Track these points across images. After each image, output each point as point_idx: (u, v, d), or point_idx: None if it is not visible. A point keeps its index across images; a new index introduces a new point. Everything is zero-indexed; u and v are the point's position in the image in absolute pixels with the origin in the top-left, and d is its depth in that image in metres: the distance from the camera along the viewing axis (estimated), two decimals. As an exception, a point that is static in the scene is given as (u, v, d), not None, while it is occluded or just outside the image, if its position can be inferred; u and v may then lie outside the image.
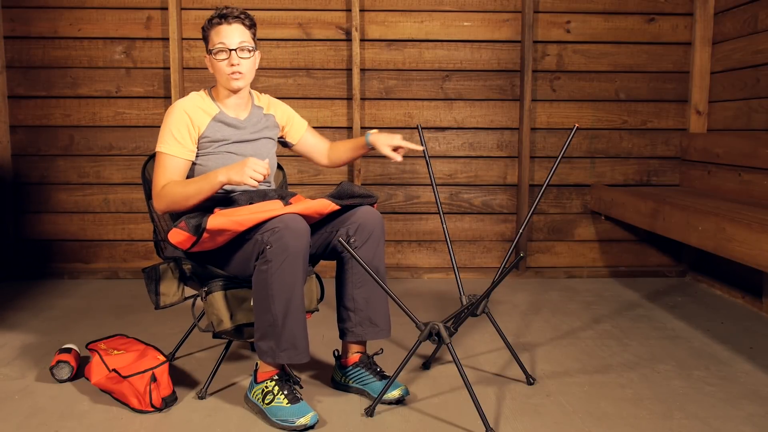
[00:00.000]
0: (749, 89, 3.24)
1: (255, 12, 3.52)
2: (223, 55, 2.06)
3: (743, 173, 3.15)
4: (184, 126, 2.05)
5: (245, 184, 1.90)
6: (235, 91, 2.11)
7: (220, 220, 1.87)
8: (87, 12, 3.52)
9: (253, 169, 1.89)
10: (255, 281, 1.89)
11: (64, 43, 3.53)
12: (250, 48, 2.08)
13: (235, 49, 2.05)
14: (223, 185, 1.94)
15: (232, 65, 2.05)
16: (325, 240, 2.10)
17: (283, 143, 2.36)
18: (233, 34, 2.06)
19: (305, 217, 1.96)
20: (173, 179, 2.03)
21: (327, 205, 2.00)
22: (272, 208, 1.93)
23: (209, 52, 2.09)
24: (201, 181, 1.97)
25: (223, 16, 2.07)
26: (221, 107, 2.13)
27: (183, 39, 3.54)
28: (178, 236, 1.93)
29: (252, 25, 2.12)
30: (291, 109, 2.34)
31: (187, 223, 1.93)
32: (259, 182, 1.91)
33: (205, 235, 1.88)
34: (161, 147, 2.05)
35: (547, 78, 3.63)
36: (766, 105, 3.12)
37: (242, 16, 2.09)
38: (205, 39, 2.11)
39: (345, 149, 2.33)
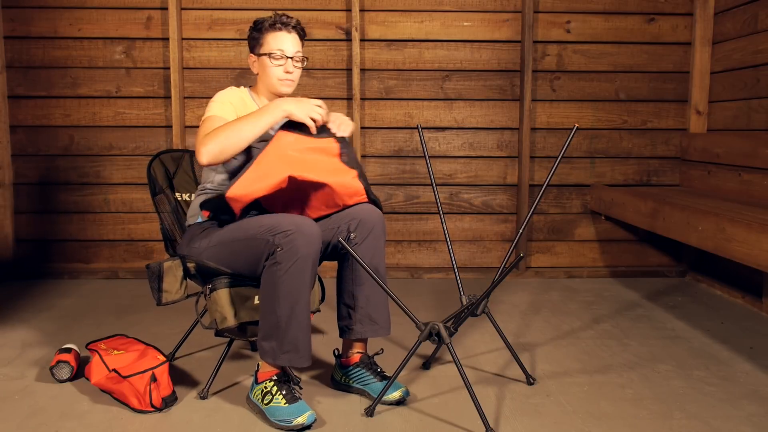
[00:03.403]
0: (749, 89, 3.24)
1: (255, 12, 3.54)
2: (280, 61, 2.10)
3: (743, 173, 3.15)
4: (232, 106, 2.07)
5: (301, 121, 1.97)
6: (279, 95, 2.14)
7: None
8: (87, 12, 3.52)
9: (315, 110, 1.99)
10: (263, 281, 1.90)
11: (64, 43, 3.53)
12: (303, 59, 2.15)
13: (291, 57, 2.10)
14: (285, 117, 1.98)
15: (287, 72, 2.10)
16: (326, 239, 2.09)
17: None
18: (293, 43, 2.12)
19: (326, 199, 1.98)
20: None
21: (358, 190, 2.05)
22: (326, 167, 1.98)
23: (260, 54, 2.11)
24: (257, 112, 1.98)
25: (285, 24, 2.11)
26: (255, 106, 2.15)
27: (183, 39, 3.54)
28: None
29: (304, 37, 2.17)
30: None
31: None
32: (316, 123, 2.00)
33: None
34: (211, 111, 2.04)
35: (547, 78, 3.63)
36: (766, 105, 3.12)
37: (300, 27, 2.15)
38: (256, 40, 2.13)
39: None
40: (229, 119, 2.01)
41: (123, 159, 3.60)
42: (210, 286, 1.98)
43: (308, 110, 1.99)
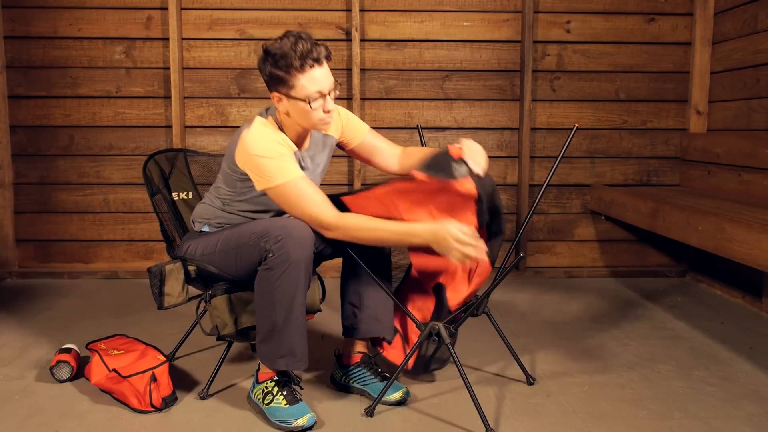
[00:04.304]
0: (749, 89, 3.24)
1: (255, 12, 3.54)
2: (320, 101, 1.85)
3: (743, 173, 3.15)
4: (290, 156, 1.88)
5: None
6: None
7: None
8: (87, 12, 3.52)
9: (465, 253, 1.78)
10: (257, 286, 1.89)
11: (64, 43, 3.53)
12: (337, 84, 1.91)
13: (328, 93, 1.86)
14: (420, 246, 1.84)
15: (327, 111, 1.87)
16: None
17: (338, 146, 2.19)
18: (327, 76, 1.84)
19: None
20: (324, 201, 1.86)
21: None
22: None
23: (293, 97, 1.84)
24: (396, 229, 1.83)
25: (316, 60, 1.81)
26: (291, 146, 1.94)
27: (183, 39, 3.53)
28: None
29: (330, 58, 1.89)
30: (349, 115, 2.14)
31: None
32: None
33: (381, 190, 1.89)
34: (284, 177, 1.83)
35: (547, 78, 3.63)
36: (766, 105, 3.12)
37: (327, 52, 1.85)
38: (281, 80, 1.83)
39: (421, 158, 2.03)
40: (306, 177, 1.88)
41: (123, 159, 3.60)
42: (210, 291, 1.98)
43: (455, 256, 1.79)
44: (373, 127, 3.63)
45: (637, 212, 3.18)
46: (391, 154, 2.18)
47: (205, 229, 2.08)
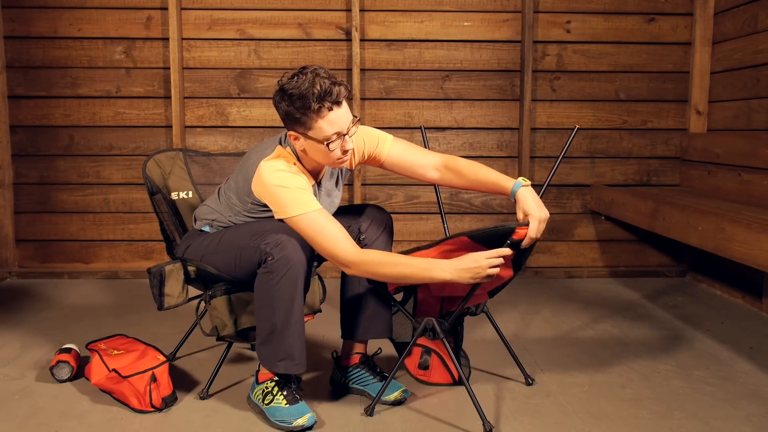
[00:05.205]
0: (749, 89, 3.24)
1: (255, 12, 3.54)
2: (338, 142, 1.81)
3: (743, 173, 3.15)
4: (307, 185, 1.85)
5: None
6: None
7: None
8: (87, 12, 3.52)
9: (489, 272, 1.74)
10: (257, 289, 1.88)
11: (64, 43, 3.53)
12: (356, 121, 1.84)
13: (347, 132, 1.81)
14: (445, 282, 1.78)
15: (345, 151, 1.83)
16: None
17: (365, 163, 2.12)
18: (346, 116, 1.79)
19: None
20: (344, 236, 1.80)
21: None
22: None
23: (311, 138, 1.80)
24: (418, 267, 1.78)
25: (335, 102, 1.76)
26: (309, 178, 1.93)
27: (183, 39, 3.54)
28: None
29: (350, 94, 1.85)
30: (370, 133, 2.05)
31: None
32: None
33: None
34: (300, 209, 1.79)
35: (547, 78, 3.63)
36: (766, 105, 3.12)
37: (345, 86, 1.78)
38: (299, 121, 1.79)
39: (476, 179, 1.96)
40: (323, 208, 1.83)
41: (123, 159, 3.60)
42: (210, 292, 1.97)
43: (481, 276, 1.75)
44: (375, 128, 3.63)
45: (637, 212, 3.18)
46: (425, 166, 2.05)
47: (206, 228, 2.07)
